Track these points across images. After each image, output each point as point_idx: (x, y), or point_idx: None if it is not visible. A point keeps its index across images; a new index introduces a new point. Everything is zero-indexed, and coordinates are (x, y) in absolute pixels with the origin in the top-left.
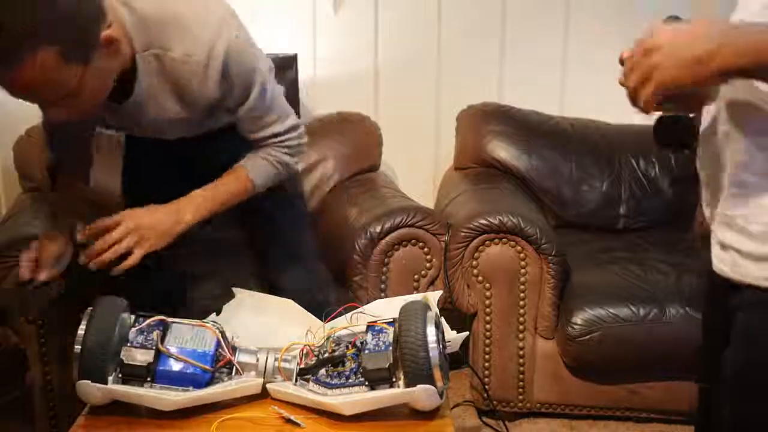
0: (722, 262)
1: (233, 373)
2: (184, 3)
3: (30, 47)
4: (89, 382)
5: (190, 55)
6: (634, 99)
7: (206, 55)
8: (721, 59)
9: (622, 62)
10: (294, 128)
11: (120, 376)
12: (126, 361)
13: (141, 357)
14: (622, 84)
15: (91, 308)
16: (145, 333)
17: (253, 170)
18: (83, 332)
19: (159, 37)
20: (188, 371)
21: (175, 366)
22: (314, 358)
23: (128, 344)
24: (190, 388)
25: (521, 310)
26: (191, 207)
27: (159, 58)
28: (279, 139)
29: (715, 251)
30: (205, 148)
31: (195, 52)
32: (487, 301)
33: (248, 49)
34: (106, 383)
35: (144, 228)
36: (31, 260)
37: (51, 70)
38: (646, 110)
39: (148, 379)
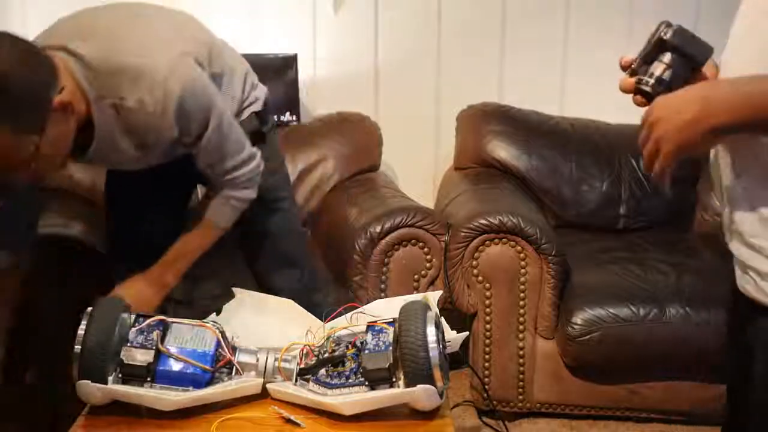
0: (746, 282)
1: (233, 373)
2: (135, 48)
3: None
4: (89, 382)
5: (145, 103)
6: (650, 169)
7: (161, 101)
8: (715, 118)
9: (623, 68)
10: (250, 159)
11: (120, 376)
12: (126, 361)
13: (141, 357)
14: (623, 90)
15: (91, 308)
16: (145, 333)
17: (216, 216)
18: (83, 332)
19: (112, 86)
20: (188, 371)
21: (175, 366)
22: (314, 358)
23: (128, 344)
24: (190, 388)
25: (521, 310)
26: (171, 270)
27: (115, 107)
28: (235, 174)
29: (738, 271)
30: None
31: (149, 100)
32: (487, 301)
33: (201, 88)
34: (106, 383)
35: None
36: None
37: (4, 146)
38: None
39: (148, 379)
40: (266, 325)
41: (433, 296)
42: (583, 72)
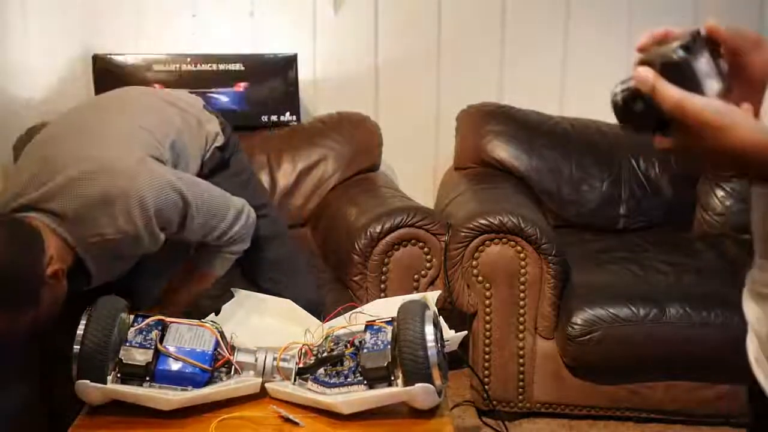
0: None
1: (232, 373)
2: (94, 176)
3: None
4: (88, 381)
5: (126, 229)
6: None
7: (140, 219)
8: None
9: (639, 50)
10: (239, 216)
11: (119, 375)
12: (125, 361)
13: (140, 357)
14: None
15: (90, 308)
16: (144, 333)
17: (210, 267)
18: (82, 332)
19: (90, 227)
20: (187, 371)
21: (174, 366)
22: (313, 358)
23: (127, 344)
24: (189, 388)
25: (521, 310)
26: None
27: (99, 243)
28: (230, 235)
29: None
30: None
31: (128, 226)
32: (487, 301)
33: (169, 188)
34: (105, 383)
35: None
36: None
37: (4, 326)
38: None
39: (147, 378)
40: (265, 325)
41: (432, 296)
42: (583, 72)
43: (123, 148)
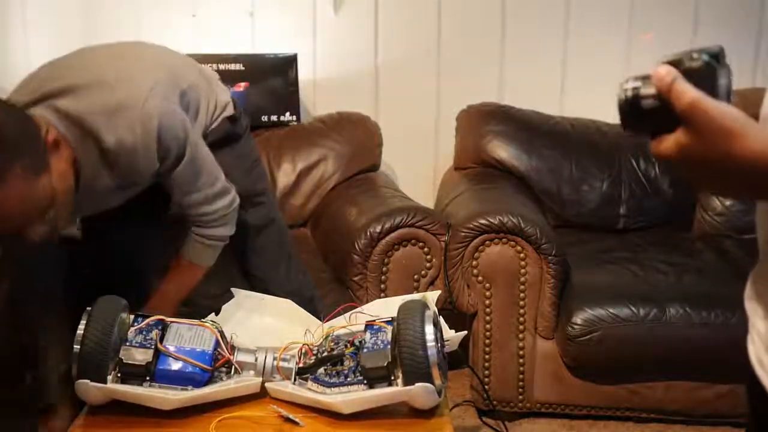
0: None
1: (232, 373)
2: (108, 91)
3: None
4: (88, 381)
5: (125, 141)
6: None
7: (140, 137)
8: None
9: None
10: (223, 194)
11: (119, 375)
12: (125, 361)
13: (140, 356)
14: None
15: (90, 308)
16: (144, 332)
17: (196, 258)
18: (82, 332)
19: (91, 129)
20: (187, 370)
21: (174, 365)
22: (313, 357)
23: (127, 344)
24: (189, 388)
25: (521, 310)
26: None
27: (97, 147)
28: (206, 210)
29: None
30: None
31: (129, 137)
32: (487, 301)
33: (176, 120)
34: (105, 383)
35: None
36: None
37: (22, 190)
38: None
39: (147, 378)
40: (265, 325)
41: (432, 296)
42: (583, 72)
43: (141, 70)
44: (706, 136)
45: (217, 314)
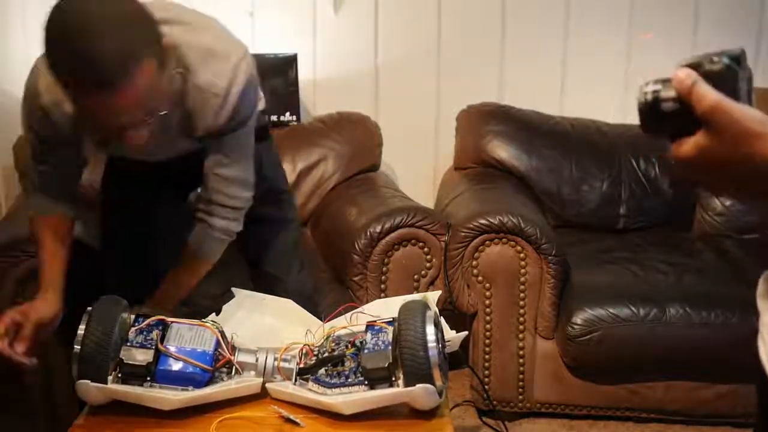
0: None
1: (233, 373)
2: (212, 37)
3: (132, 60)
4: (89, 381)
5: (213, 84)
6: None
7: (226, 88)
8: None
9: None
10: (247, 186)
11: (120, 375)
12: (126, 361)
13: (141, 357)
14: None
15: (90, 308)
16: (145, 333)
17: (202, 251)
18: (83, 332)
19: (186, 60)
20: (188, 371)
21: (175, 366)
22: (314, 358)
23: (128, 344)
24: (190, 388)
25: (521, 310)
26: (162, 308)
27: (183, 79)
28: (229, 192)
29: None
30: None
31: (217, 83)
32: (487, 301)
33: (256, 90)
34: (105, 383)
35: None
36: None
37: (153, 79)
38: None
39: (148, 378)
40: (265, 325)
41: (433, 296)
42: (583, 72)
43: (237, 40)
44: (727, 138)
45: (217, 314)
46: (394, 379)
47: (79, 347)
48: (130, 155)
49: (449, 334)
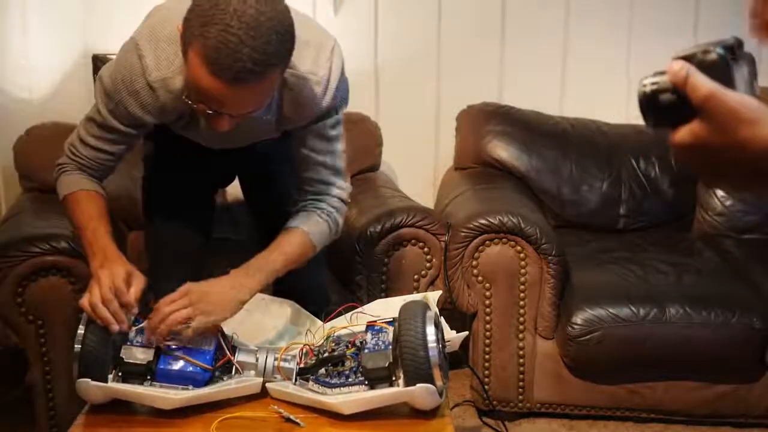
0: None
1: (233, 373)
2: (306, 29)
3: (271, 66)
4: (89, 380)
5: (314, 72)
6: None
7: (327, 74)
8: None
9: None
10: (343, 175)
11: (120, 374)
12: (126, 360)
13: (141, 356)
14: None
15: None
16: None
17: (314, 233)
18: (83, 331)
19: None
20: (188, 370)
21: (175, 365)
22: (314, 358)
23: (128, 343)
24: (190, 387)
25: (521, 310)
26: (259, 275)
27: (285, 74)
28: (340, 182)
29: None
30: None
31: (318, 71)
32: (487, 301)
33: (346, 77)
34: (106, 381)
35: (206, 302)
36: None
37: (273, 87)
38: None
39: (148, 377)
40: (266, 325)
41: (433, 296)
42: (583, 72)
43: (334, 41)
44: (719, 124)
45: None
46: (394, 378)
47: (79, 346)
48: (205, 141)
49: (449, 334)
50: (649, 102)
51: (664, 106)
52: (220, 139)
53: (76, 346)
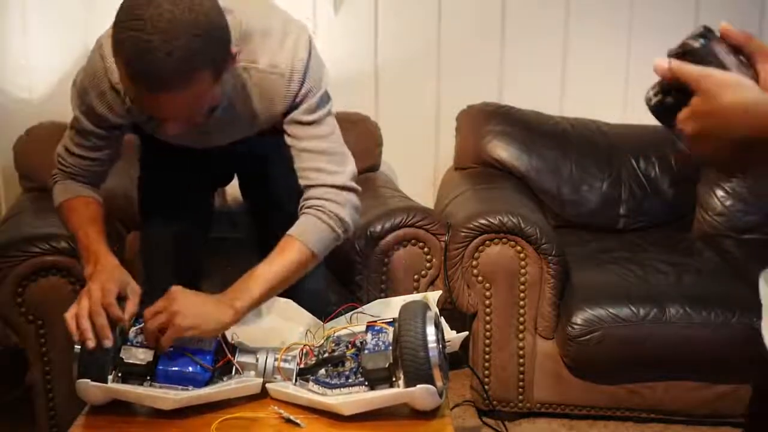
0: None
1: (233, 373)
2: (272, 15)
3: (192, 71)
4: (89, 380)
5: (275, 65)
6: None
7: (289, 64)
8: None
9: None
10: (348, 160)
11: (119, 375)
12: (126, 360)
13: (141, 356)
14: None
15: None
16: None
17: (311, 241)
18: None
19: (248, 49)
20: (188, 370)
21: (175, 365)
22: (314, 358)
23: (128, 343)
24: (190, 388)
25: (521, 310)
26: (246, 296)
27: (246, 70)
28: (337, 168)
29: None
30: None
31: (279, 62)
32: (487, 301)
33: (321, 64)
34: (105, 382)
35: (183, 315)
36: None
37: (204, 90)
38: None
39: (148, 378)
40: (266, 325)
41: (433, 296)
42: (583, 72)
43: (302, 26)
44: (710, 94)
45: None
46: (394, 379)
47: (79, 347)
48: (178, 143)
49: (449, 334)
50: (658, 110)
51: (671, 107)
52: (191, 141)
53: (76, 346)
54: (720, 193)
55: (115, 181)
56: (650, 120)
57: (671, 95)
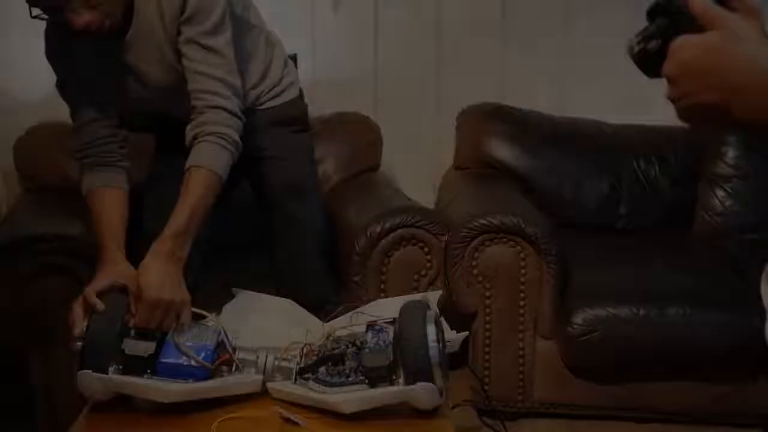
0: None
1: (233, 370)
2: None
3: None
4: (90, 372)
5: None
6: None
7: None
8: (740, 114)
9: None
10: (234, 77)
11: (120, 367)
12: (128, 352)
13: (143, 348)
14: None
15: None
16: None
17: (210, 161)
18: (86, 323)
19: None
20: (189, 365)
21: (176, 359)
22: (314, 357)
23: (130, 335)
24: (190, 381)
25: (521, 310)
26: (181, 240)
27: None
28: (221, 90)
29: None
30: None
31: None
32: (487, 301)
33: None
34: (106, 374)
35: (162, 298)
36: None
37: None
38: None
39: (149, 371)
40: (266, 325)
41: (433, 296)
42: (583, 72)
43: None
44: (734, 36)
45: (218, 314)
46: (394, 377)
47: (80, 343)
48: (147, 106)
49: (449, 334)
50: (640, 54)
51: (654, 52)
52: (139, 88)
53: (77, 343)
54: (720, 193)
55: None
56: (650, 120)
57: (655, 40)
